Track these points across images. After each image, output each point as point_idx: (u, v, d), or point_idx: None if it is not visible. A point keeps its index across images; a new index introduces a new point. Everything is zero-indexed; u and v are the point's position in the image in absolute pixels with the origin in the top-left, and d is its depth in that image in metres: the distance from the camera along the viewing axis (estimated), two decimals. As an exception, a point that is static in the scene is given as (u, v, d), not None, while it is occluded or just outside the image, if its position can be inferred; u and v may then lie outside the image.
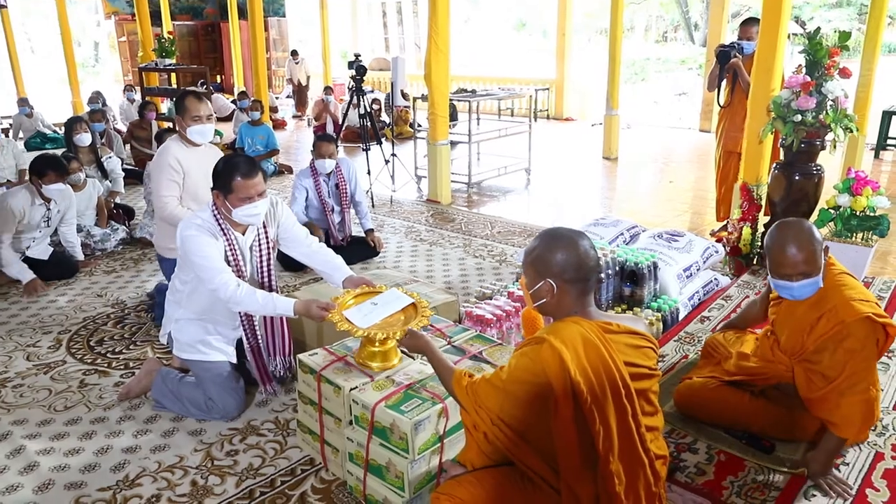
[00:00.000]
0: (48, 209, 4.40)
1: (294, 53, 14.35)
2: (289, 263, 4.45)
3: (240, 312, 2.76)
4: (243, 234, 2.78)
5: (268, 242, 2.86)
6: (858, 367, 2.23)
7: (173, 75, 9.69)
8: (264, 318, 2.88)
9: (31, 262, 4.36)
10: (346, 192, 4.85)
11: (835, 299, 2.28)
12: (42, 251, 4.50)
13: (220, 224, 2.69)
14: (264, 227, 2.84)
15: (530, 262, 1.85)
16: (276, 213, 2.92)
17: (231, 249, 2.71)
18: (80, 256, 4.76)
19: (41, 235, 4.47)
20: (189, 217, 2.74)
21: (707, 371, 2.75)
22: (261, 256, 2.84)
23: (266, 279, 2.87)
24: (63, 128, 10.37)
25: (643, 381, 1.81)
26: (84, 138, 5.58)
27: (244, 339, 2.83)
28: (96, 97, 9.37)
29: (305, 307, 2.55)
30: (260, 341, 2.86)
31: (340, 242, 4.82)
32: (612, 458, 1.72)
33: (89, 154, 5.71)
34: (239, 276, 2.71)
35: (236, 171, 2.61)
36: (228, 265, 2.69)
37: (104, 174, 5.73)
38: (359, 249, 4.86)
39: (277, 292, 2.88)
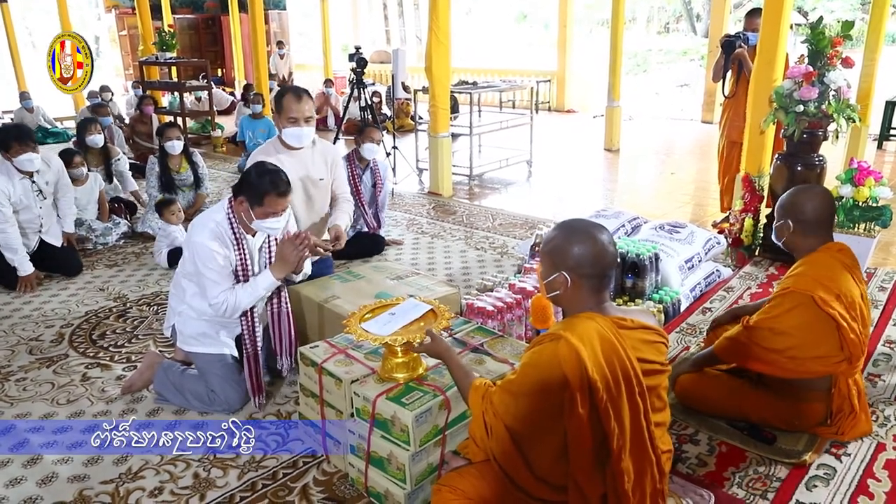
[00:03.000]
0: (33, 181, 4.28)
1: (280, 44, 13.87)
2: None
3: (241, 320, 2.77)
4: (253, 235, 2.80)
5: (275, 243, 2.88)
6: (767, 319, 2.39)
7: (174, 69, 9.68)
8: (272, 319, 2.87)
9: (43, 249, 4.38)
10: (380, 191, 4.90)
11: (799, 270, 2.42)
12: (56, 235, 4.49)
13: (233, 227, 2.69)
14: None
15: (547, 252, 1.82)
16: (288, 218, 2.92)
17: (240, 254, 2.71)
18: (70, 229, 4.64)
19: (45, 212, 4.39)
20: (202, 219, 2.72)
21: None
22: (270, 258, 2.84)
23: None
24: (62, 123, 10.47)
25: (655, 377, 1.80)
26: (97, 139, 5.55)
27: (244, 346, 2.80)
28: (96, 93, 9.32)
29: (279, 263, 2.71)
30: (260, 350, 2.83)
31: (375, 230, 4.87)
32: (625, 456, 1.71)
33: (99, 156, 5.68)
34: (246, 280, 2.73)
35: (273, 188, 2.61)
36: (237, 271, 2.71)
37: (109, 178, 5.67)
38: (361, 247, 4.80)
39: (284, 289, 2.89)
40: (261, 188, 2.61)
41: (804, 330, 2.33)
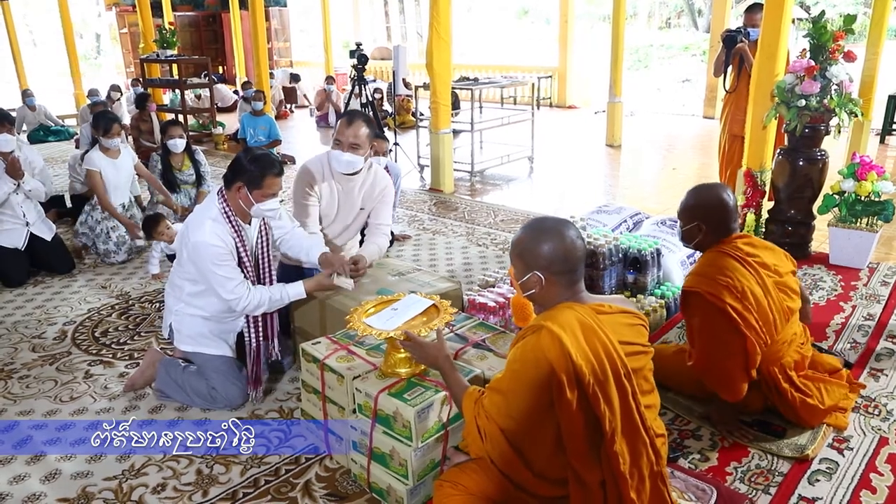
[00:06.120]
0: (4, 161, 4.20)
1: (295, 78, 13.52)
2: None
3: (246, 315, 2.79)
4: (249, 223, 2.81)
5: (268, 232, 2.90)
6: (704, 340, 2.42)
7: (175, 66, 9.68)
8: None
9: (34, 245, 4.36)
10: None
11: (692, 270, 2.49)
12: (44, 228, 4.44)
13: (229, 219, 2.70)
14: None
15: (518, 255, 1.86)
16: None
17: (242, 244, 2.72)
18: (35, 185, 4.38)
19: (22, 199, 4.30)
20: (196, 217, 2.73)
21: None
22: (263, 246, 2.86)
23: (266, 268, 2.88)
24: (64, 120, 10.46)
25: (639, 359, 1.83)
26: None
27: (250, 336, 2.82)
28: (96, 91, 9.30)
29: (315, 282, 2.80)
30: (261, 337, 2.85)
31: None
32: (617, 438, 1.73)
33: None
34: (245, 270, 2.74)
35: (271, 169, 2.68)
36: (240, 262, 2.72)
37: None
38: None
39: (274, 281, 2.90)
40: (259, 170, 2.66)
41: (710, 324, 2.38)
